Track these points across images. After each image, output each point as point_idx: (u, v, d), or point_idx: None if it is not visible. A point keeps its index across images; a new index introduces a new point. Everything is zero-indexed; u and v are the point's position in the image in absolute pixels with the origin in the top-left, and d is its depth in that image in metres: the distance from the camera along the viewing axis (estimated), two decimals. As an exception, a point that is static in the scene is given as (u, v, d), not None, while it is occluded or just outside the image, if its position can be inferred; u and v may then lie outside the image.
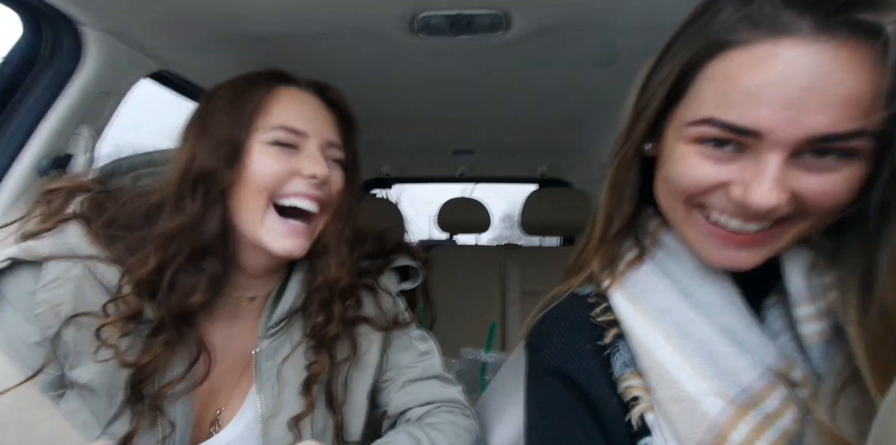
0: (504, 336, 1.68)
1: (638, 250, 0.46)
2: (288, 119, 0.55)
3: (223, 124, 0.54)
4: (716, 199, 0.38)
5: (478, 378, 1.04)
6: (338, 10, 0.86)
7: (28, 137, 0.80)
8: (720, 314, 0.40)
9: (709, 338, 0.39)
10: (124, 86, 0.93)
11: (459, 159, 2.11)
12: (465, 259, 1.88)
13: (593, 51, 1.03)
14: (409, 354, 0.65)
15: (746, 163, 0.36)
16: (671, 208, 0.41)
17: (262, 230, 0.53)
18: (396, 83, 1.26)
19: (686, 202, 0.39)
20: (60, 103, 0.82)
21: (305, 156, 0.55)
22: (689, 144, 0.38)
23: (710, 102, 0.36)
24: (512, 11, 0.87)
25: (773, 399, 0.37)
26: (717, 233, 0.38)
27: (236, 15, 0.87)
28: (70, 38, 0.82)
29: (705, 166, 0.37)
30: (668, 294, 0.42)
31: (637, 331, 0.42)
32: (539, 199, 1.88)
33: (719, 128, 0.35)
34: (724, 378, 0.38)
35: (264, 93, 0.56)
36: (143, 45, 0.90)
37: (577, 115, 1.51)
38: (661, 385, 0.39)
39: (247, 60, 1.09)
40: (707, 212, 0.39)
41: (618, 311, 0.44)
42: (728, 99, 0.35)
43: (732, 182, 0.36)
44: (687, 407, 0.38)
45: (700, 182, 0.37)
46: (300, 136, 0.56)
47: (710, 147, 0.37)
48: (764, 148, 0.34)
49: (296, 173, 0.54)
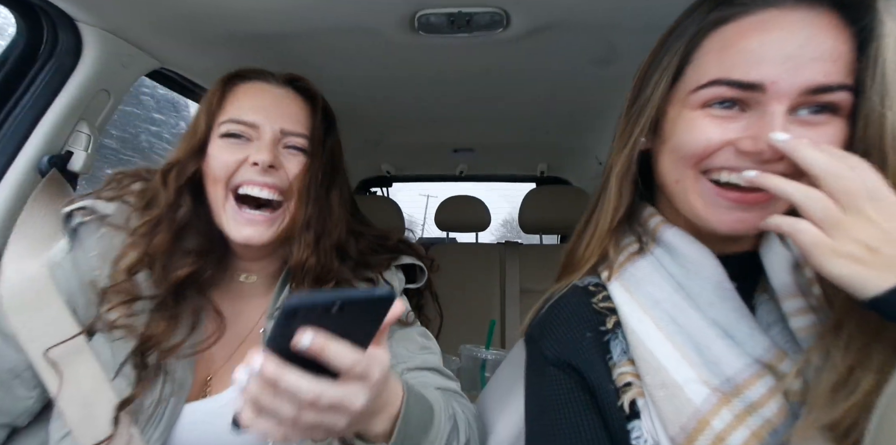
0: (504, 333, 1.69)
1: (638, 246, 0.49)
2: (239, 112, 0.60)
3: (196, 122, 0.61)
4: (724, 158, 0.40)
5: (478, 375, 1.04)
6: (337, 8, 0.86)
7: (28, 135, 0.80)
8: (712, 306, 0.42)
9: (698, 329, 0.41)
10: (124, 84, 0.93)
11: (459, 157, 2.11)
12: (465, 256, 1.89)
13: (592, 49, 1.03)
14: (410, 346, 0.66)
15: (751, 120, 0.39)
16: (678, 180, 0.43)
17: (223, 218, 0.58)
18: (396, 81, 1.26)
19: (694, 167, 0.41)
20: (60, 100, 0.82)
21: (255, 145, 0.59)
22: (695, 110, 0.41)
23: (714, 68, 0.40)
24: (511, 9, 0.87)
25: (757, 388, 0.38)
26: (726, 196, 0.40)
27: (236, 13, 0.87)
28: (69, 35, 0.82)
29: (713, 127, 0.40)
30: (663, 286, 0.45)
31: (631, 320, 0.44)
32: (537, 198, 1.88)
33: (726, 86, 0.39)
34: (711, 367, 0.40)
35: (225, 90, 0.62)
36: (143, 42, 0.90)
37: (576, 114, 1.51)
38: (650, 371, 0.41)
39: (246, 58, 1.09)
40: (716, 176, 0.41)
41: (615, 299, 0.46)
42: (731, 61, 0.39)
43: (739, 139, 0.39)
44: (672, 393, 0.40)
45: (710, 142, 0.40)
46: (250, 127, 0.59)
47: (718, 109, 0.40)
48: (767, 101, 0.38)
49: (245, 161, 0.58)
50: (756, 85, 0.38)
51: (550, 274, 0.59)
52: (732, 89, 0.39)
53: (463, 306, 1.72)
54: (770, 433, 0.37)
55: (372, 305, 0.35)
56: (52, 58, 0.82)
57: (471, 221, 2.02)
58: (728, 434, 0.37)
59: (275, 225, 0.59)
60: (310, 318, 0.32)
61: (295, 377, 0.32)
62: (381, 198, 2.15)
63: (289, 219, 0.60)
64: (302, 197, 0.60)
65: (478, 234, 2.09)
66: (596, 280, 0.50)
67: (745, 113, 0.39)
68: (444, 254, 1.90)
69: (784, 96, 0.37)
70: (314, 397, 0.32)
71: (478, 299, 1.76)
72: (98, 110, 0.89)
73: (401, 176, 2.42)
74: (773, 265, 0.42)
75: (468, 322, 1.48)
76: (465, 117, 1.60)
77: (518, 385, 0.69)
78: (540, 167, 2.20)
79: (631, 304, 0.45)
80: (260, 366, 0.32)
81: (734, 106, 0.40)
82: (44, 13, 0.80)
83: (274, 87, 0.64)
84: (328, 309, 0.32)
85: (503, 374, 0.80)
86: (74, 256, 0.57)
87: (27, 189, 0.80)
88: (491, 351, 1.06)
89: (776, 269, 0.42)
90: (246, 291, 0.64)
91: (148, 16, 0.85)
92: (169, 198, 0.57)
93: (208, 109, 0.61)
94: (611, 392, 0.44)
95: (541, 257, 1.82)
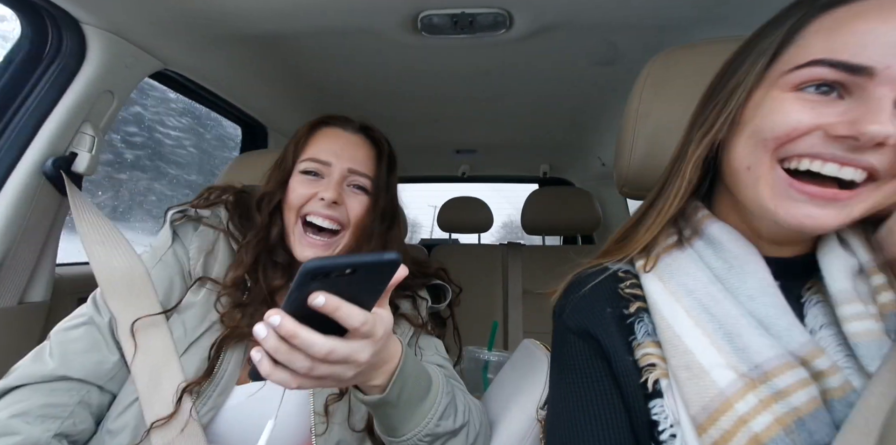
0: (506, 334, 1.68)
1: (677, 237, 0.48)
2: (317, 152, 0.70)
3: (283, 158, 0.73)
4: (809, 144, 0.37)
5: (480, 376, 1.04)
6: (341, 9, 0.87)
7: (32, 136, 0.80)
8: (751, 300, 0.41)
9: (731, 318, 0.40)
10: (128, 86, 0.93)
11: (462, 158, 2.11)
12: (467, 257, 1.88)
13: (595, 50, 1.03)
14: (430, 347, 0.74)
15: (850, 105, 0.36)
16: (751, 167, 0.40)
17: (292, 239, 0.69)
18: (398, 82, 1.27)
19: (774, 152, 0.38)
20: (64, 102, 0.82)
21: (326, 182, 0.69)
22: (787, 92, 0.38)
23: (818, 49, 0.36)
24: (514, 10, 0.87)
25: (786, 377, 0.37)
26: (802, 188, 0.37)
27: (239, 15, 0.87)
28: (74, 36, 0.82)
29: (804, 110, 0.37)
30: (699, 277, 0.44)
31: (661, 305, 0.44)
32: (540, 199, 1.88)
33: (829, 67, 0.35)
34: (739, 353, 0.39)
35: (309, 132, 0.74)
36: (147, 44, 0.91)
37: (578, 114, 1.51)
38: (675, 354, 0.41)
39: (249, 60, 1.10)
40: (795, 164, 0.38)
41: (646, 288, 0.46)
42: (839, 42, 0.36)
43: (832, 124, 0.36)
44: (696, 375, 0.39)
45: (799, 124, 0.37)
46: (324, 166, 0.70)
47: (812, 93, 0.37)
48: (873, 87, 0.34)
49: (315, 196, 0.68)
50: (865, 68, 0.34)
51: (553, 275, 0.59)
52: (836, 71, 0.35)
53: (465, 307, 1.71)
54: (796, 421, 0.36)
55: (380, 268, 0.38)
56: (57, 59, 0.82)
57: (473, 222, 2.02)
58: (752, 418, 0.36)
59: (331, 249, 0.69)
60: (325, 280, 0.36)
61: (308, 333, 0.37)
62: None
63: (343, 245, 0.70)
64: (357, 229, 0.70)
65: (480, 235, 2.08)
66: (628, 267, 0.50)
67: (842, 100, 0.36)
68: (447, 255, 1.90)
69: (892, 83, 0.34)
70: (326, 352, 0.37)
71: (480, 300, 1.75)
72: (102, 111, 0.89)
73: (403, 177, 2.42)
74: (832, 269, 0.40)
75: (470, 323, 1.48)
76: (468, 118, 1.60)
77: (520, 389, 0.69)
78: (542, 168, 2.20)
79: (662, 293, 0.44)
80: (278, 323, 0.36)
81: (832, 91, 0.36)
82: (48, 15, 0.80)
83: (349, 134, 0.73)
84: (342, 271, 0.36)
85: (506, 375, 0.80)
86: (174, 250, 0.69)
87: (31, 190, 0.80)
88: (494, 352, 1.06)
89: (836, 274, 0.40)
90: None
91: (151, 17, 0.85)
92: (264, 220, 0.70)
93: (294, 148, 0.72)
94: (629, 364, 0.44)
95: (543, 258, 1.82)
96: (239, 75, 1.17)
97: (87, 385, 0.59)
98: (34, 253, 0.85)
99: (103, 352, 0.61)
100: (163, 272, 0.67)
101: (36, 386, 0.56)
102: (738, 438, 0.36)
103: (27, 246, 0.83)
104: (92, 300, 0.65)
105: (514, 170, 2.37)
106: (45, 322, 0.88)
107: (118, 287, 0.65)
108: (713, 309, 0.41)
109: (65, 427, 0.56)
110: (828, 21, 0.37)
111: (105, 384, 0.60)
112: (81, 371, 0.59)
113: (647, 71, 0.61)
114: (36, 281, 0.87)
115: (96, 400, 0.60)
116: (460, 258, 1.88)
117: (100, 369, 0.60)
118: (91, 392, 0.59)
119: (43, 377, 0.57)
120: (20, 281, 0.84)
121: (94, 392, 0.60)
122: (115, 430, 0.58)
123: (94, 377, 0.59)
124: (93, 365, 0.60)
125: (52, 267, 0.89)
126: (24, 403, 0.55)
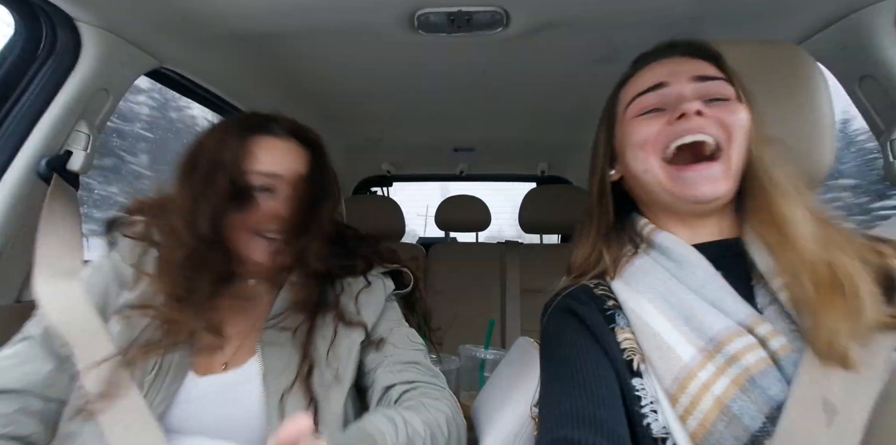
0: (503, 333, 1.69)
1: (634, 249, 0.58)
2: (261, 164, 0.68)
3: (212, 170, 0.68)
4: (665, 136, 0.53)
5: (477, 374, 1.04)
6: (336, 7, 0.86)
7: (27, 134, 0.80)
8: (702, 287, 0.50)
9: (687, 303, 0.49)
10: (123, 83, 0.93)
11: (460, 156, 2.11)
12: (465, 256, 1.88)
13: (592, 47, 1.03)
14: (403, 343, 0.72)
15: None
16: (647, 170, 0.55)
17: (240, 244, 0.69)
18: (395, 80, 1.26)
19: (661, 157, 0.53)
20: (59, 100, 0.82)
21: (277, 197, 0.68)
22: (631, 120, 0.57)
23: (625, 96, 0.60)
24: (511, 8, 0.87)
25: (735, 344, 0.45)
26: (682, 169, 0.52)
27: (235, 12, 0.87)
28: (68, 34, 0.82)
29: (646, 122, 0.55)
30: (658, 275, 0.53)
31: (629, 302, 0.53)
32: (537, 197, 1.87)
33: (644, 95, 0.56)
34: (696, 331, 0.47)
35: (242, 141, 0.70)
36: (142, 41, 0.90)
37: (576, 112, 1.51)
38: (646, 338, 0.49)
39: (245, 58, 1.10)
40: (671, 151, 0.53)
41: (616, 290, 0.55)
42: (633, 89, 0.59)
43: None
44: (665, 354, 0.47)
45: (649, 135, 0.54)
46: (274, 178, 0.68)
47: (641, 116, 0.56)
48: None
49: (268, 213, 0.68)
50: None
51: (551, 273, 0.62)
52: (648, 95, 0.55)
53: (463, 305, 1.72)
54: (748, 380, 0.43)
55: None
56: (52, 57, 0.82)
57: (471, 221, 2.02)
58: (713, 383, 0.44)
59: (276, 247, 0.69)
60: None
61: None
62: (382, 198, 2.15)
63: (282, 240, 0.70)
64: (296, 228, 0.69)
65: (478, 234, 2.08)
66: (598, 280, 0.59)
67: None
68: (444, 254, 1.90)
69: None
70: None
71: (477, 298, 1.75)
72: (97, 109, 0.89)
73: (401, 175, 2.42)
74: (754, 249, 0.50)
75: (467, 321, 1.48)
76: (466, 116, 1.59)
77: (516, 386, 0.69)
78: (540, 166, 2.19)
79: (630, 291, 0.54)
80: None
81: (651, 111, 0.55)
82: (42, 12, 0.80)
83: (280, 140, 0.72)
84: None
85: (502, 373, 0.80)
86: (111, 257, 0.70)
87: (25, 189, 0.80)
88: (490, 350, 1.06)
89: (761, 255, 0.50)
90: (251, 292, 0.74)
91: (147, 15, 0.85)
92: (204, 233, 0.67)
93: (233, 158, 0.69)
94: (614, 344, 0.51)
95: (541, 257, 1.82)
96: (235, 73, 1.17)
97: (24, 395, 0.62)
98: (30, 251, 0.85)
99: (37, 364, 0.64)
100: (97, 278, 0.69)
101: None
102: (704, 402, 0.43)
103: (23, 244, 0.83)
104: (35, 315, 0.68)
105: (512, 168, 2.37)
106: (41, 320, 0.88)
107: (59, 295, 0.67)
108: (671, 299, 0.50)
109: (8, 431, 0.59)
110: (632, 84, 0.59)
111: (43, 391, 0.63)
112: (14, 382, 0.61)
113: None
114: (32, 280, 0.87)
115: (41, 407, 0.62)
116: (458, 256, 1.88)
117: (35, 379, 0.63)
118: (31, 401, 0.62)
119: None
120: (17, 280, 0.84)
121: (34, 400, 0.62)
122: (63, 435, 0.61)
123: (31, 385, 0.62)
124: (27, 375, 0.62)
125: (47, 266, 0.89)
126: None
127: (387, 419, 0.57)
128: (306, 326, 0.69)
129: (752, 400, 0.42)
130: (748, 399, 0.42)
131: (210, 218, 0.66)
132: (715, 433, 0.42)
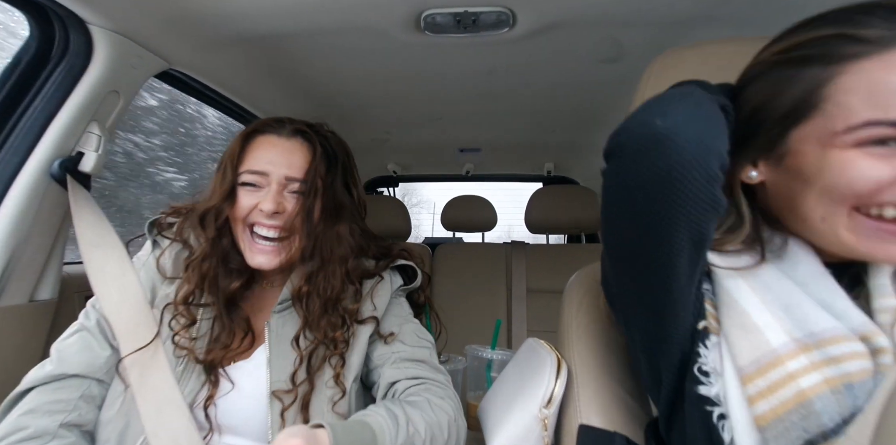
0: (509, 333, 1.68)
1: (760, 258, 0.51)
2: (253, 163, 0.70)
3: (223, 171, 0.72)
4: (892, 194, 0.41)
5: (483, 375, 1.04)
6: (343, 8, 0.87)
7: (40, 135, 0.81)
8: (805, 284, 0.45)
9: (788, 292, 0.44)
10: (134, 85, 0.94)
11: (466, 157, 2.11)
12: (471, 256, 1.88)
13: (599, 47, 1.03)
14: (410, 340, 0.73)
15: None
16: (825, 218, 0.44)
17: (243, 246, 0.71)
18: (402, 81, 1.27)
19: (854, 205, 0.42)
20: (71, 102, 0.83)
21: (265, 192, 0.70)
22: (847, 150, 0.41)
23: (861, 108, 0.40)
24: (517, 8, 0.87)
25: (842, 346, 0.41)
26: (888, 229, 0.41)
27: (243, 14, 0.88)
28: (80, 37, 0.83)
29: (879, 165, 0.40)
30: (765, 267, 0.47)
31: (721, 276, 0.47)
32: (544, 197, 1.87)
33: (886, 127, 0.39)
34: (796, 322, 0.43)
35: (244, 142, 0.73)
36: (152, 43, 0.91)
37: (583, 112, 1.51)
38: (732, 315, 0.45)
39: (254, 59, 1.11)
40: (877, 211, 0.42)
41: (712, 262, 0.48)
42: (883, 100, 0.39)
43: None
44: (750, 332, 0.43)
45: (880, 180, 0.40)
46: (262, 176, 0.70)
47: (874, 147, 0.40)
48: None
49: (257, 207, 0.69)
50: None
51: (557, 273, 0.60)
52: (892, 128, 0.39)
53: (469, 306, 1.72)
54: (845, 385, 0.39)
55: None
56: (64, 59, 0.83)
57: (477, 221, 2.02)
58: (801, 375, 0.40)
59: (282, 254, 0.71)
60: None
61: None
62: (388, 199, 2.15)
63: (295, 249, 0.71)
64: (304, 232, 0.70)
65: (484, 234, 2.08)
66: None
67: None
68: (451, 254, 1.90)
69: None
70: None
71: (484, 299, 1.75)
72: (108, 111, 0.90)
73: (407, 176, 2.43)
74: (880, 270, 0.45)
75: (474, 321, 1.48)
76: (472, 116, 1.60)
77: (524, 384, 0.69)
78: (547, 166, 2.19)
79: (727, 270, 0.48)
80: None
81: (891, 143, 0.40)
82: (55, 16, 0.81)
83: (283, 139, 0.73)
84: None
85: (511, 374, 0.80)
86: (155, 257, 0.74)
87: (38, 190, 0.81)
88: (497, 350, 1.06)
89: (878, 270, 0.45)
90: (268, 293, 0.77)
91: (157, 17, 0.86)
92: (210, 234, 0.70)
93: (231, 160, 0.72)
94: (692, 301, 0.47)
95: (547, 257, 1.81)
96: (244, 75, 1.18)
97: (85, 380, 0.66)
98: (44, 251, 0.87)
99: (95, 350, 0.68)
100: (145, 276, 0.73)
101: (40, 388, 0.63)
102: (785, 391, 0.40)
103: (37, 244, 0.84)
104: (85, 307, 0.72)
105: (518, 168, 2.37)
106: (53, 319, 0.89)
107: (111, 290, 0.71)
108: (775, 288, 0.45)
109: (71, 418, 0.62)
110: (858, 79, 0.41)
111: (102, 377, 0.67)
112: (77, 367, 0.65)
113: (650, 70, 0.61)
114: (45, 279, 0.88)
115: (98, 392, 0.66)
116: (464, 256, 1.88)
117: (94, 364, 0.67)
118: (91, 386, 0.66)
119: (45, 378, 0.64)
120: (31, 280, 0.85)
121: (94, 385, 0.66)
122: (104, 421, 0.65)
123: (90, 371, 0.66)
124: (87, 361, 0.66)
125: (59, 266, 0.91)
126: (32, 403, 0.62)
127: (389, 414, 0.57)
128: (314, 314, 0.70)
129: (838, 403, 0.40)
130: (835, 401, 0.40)
131: (214, 214, 0.70)
132: (786, 421, 0.41)
